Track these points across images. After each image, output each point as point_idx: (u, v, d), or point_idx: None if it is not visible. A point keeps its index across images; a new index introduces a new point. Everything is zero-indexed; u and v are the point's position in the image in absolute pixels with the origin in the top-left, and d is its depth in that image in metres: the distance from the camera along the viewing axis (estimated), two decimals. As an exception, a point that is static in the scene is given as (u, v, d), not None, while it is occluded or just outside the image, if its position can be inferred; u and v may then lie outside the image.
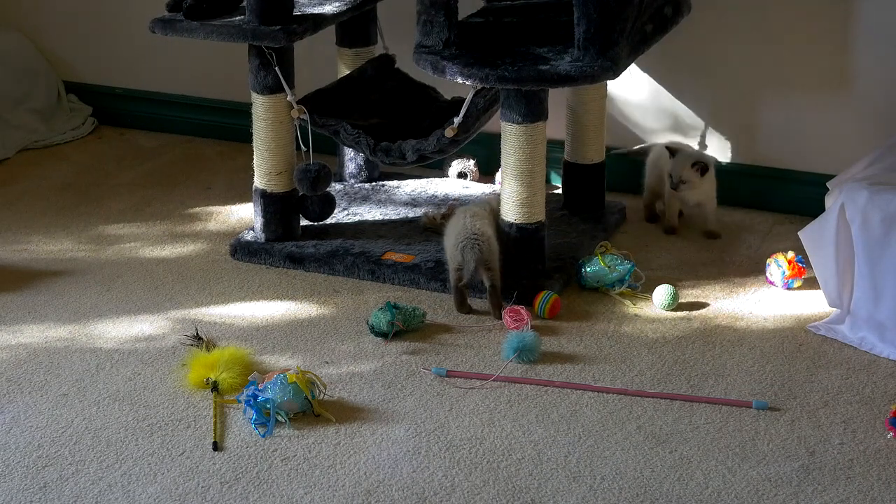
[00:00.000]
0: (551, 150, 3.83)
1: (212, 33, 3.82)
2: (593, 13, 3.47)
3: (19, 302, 3.78)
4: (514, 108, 3.60)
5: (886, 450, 3.08)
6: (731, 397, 3.28)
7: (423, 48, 3.64)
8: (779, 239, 4.10)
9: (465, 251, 3.61)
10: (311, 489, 2.95)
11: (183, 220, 4.32)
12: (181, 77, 4.98)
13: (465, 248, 3.61)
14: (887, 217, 3.44)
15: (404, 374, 3.40)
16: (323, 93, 4.00)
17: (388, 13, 4.29)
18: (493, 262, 3.62)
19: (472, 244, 3.60)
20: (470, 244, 3.60)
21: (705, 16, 4.17)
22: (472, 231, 3.62)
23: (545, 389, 3.33)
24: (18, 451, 3.08)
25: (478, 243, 3.60)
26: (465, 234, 3.62)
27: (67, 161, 4.80)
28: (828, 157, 4.16)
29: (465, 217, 3.67)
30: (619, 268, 3.75)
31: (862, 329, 3.52)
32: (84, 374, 3.41)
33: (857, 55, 4.11)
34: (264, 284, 3.87)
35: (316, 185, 3.90)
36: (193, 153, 4.87)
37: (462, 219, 3.68)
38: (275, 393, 3.17)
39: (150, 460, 3.05)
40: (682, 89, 4.34)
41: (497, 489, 2.94)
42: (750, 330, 3.60)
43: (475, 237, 3.61)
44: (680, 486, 2.95)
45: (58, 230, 4.25)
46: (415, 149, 3.77)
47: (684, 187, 4.02)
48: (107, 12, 5.03)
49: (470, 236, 3.61)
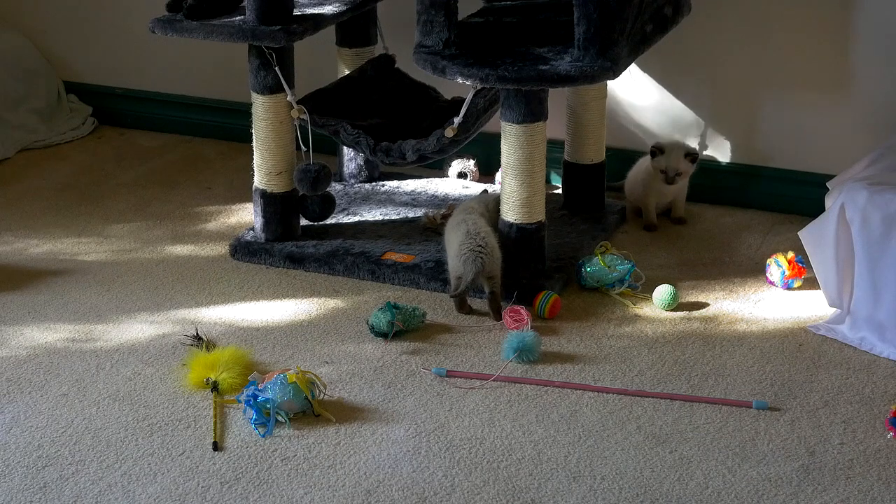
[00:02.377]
0: (551, 150, 3.83)
1: (212, 33, 3.82)
2: (593, 13, 3.47)
3: (19, 302, 3.78)
4: (513, 108, 3.60)
5: (886, 450, 3.08)
6: (731, 397, 3.28)
7: (423, 48, 3.64)
8: (779, 239, 4.10)
9: (466, 263, 3.58)
10: (311, 489, 2.95)
11: (183, 220, 4.32)
12: (181, 77, 4.98)
13: (468, 260, 3.58)
14: (887, 217, 3.44)
15: (404, 374, 3.40)
16: (323, 93, 4.00)
17: (388, 13, 4.29)
18: (496, 271, 3.61)
19: (476, 256, 3.57)
20: (473, 256, 3.57)
21: (705, 16, 4.17)
22: (477, 242, 3.58)
23: (545, 389, 3.33)
24: (18, 451, 3.08)
25: (481, 256, 3.57)
26: (469, 246, 3.58)
27: (67, 161, 4.80)
28: (828, 157, 4.16)
29: (467, 223, 3.65)
30: (619, 268, 3.75)
31: (862, 329, 3.52)
32: (84, 374, 3.41)
33: (857, 55, 4.11)
34: (264, 284, 3.87)
35: (316, 185, 3.90)
36: (193, 153, 4.87)
37: (464, 225, 3.64)
38: (275, 393, 3.17)
39: (150, 460, 3.05)
40: (682, 89, 4.34)
41: (497, 489, 2.94)
42: (750, 330, 3.60)
43: (479, 249, 3.57)
44: (680, 486, 2.95)
45: (58, 230, 4.25)
46: (415, 149, 3.77)
47: (679, 178, 4.10)
48: (107, 12, 5.03)
49: (474, 248, 3.58)
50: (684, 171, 4.10)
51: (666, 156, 4.09)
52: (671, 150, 4.10)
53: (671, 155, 4.09)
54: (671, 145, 4.14)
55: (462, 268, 3.59)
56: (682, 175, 4.11)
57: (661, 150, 4.10)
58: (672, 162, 4.08)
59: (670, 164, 4.08)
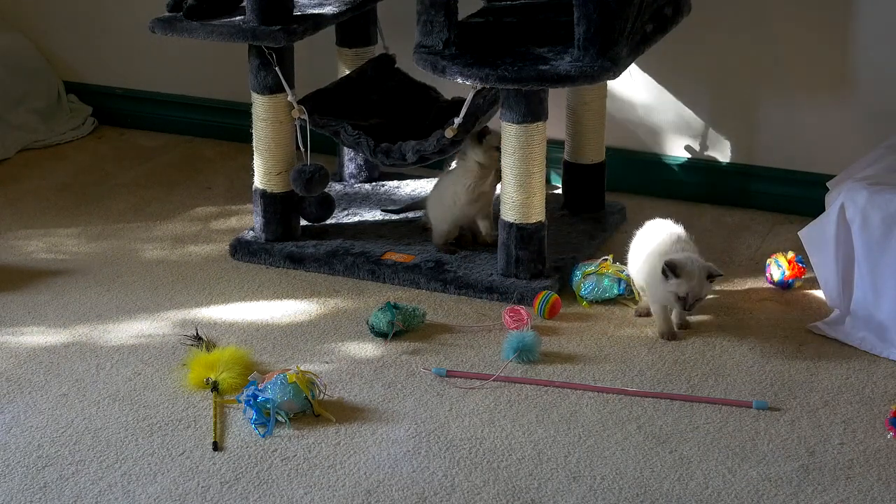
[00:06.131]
0: (551, 150, 3.83)
1: (212, 33, 3.82)
2: (593, 13, 3.47)
3: (19, 302, 3.78)
4: (513, 108, 3.60)
5: (886, 450, 3.08)
6: (731, 397, 3.29)
7: (423, 48, 3.64)
8: (779, 239, 4.10)
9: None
10: (311, 489, 2.95)
11: (183, 220, 4.32)
12: (181, 77, 4.98)
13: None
14: (887, 217, 3.44)
15: (404, 374, 3.40)
16: (323, 93, 4.00)
17: (388, 13, 4.29)
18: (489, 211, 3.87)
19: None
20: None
21: (705, 16, 4.17)
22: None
23: (545, 389, 3.33)
24: (18, 451, 3.08)
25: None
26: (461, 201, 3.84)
27: (67, 161, 4.80)
28: (828, 157, 4.16)
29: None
30: (614, 290, 3.71)
31: (862, 329, 3.52)
32: (84, 374, 3.41)
33: (857, 55, 4.11)
34: (264, 284, 3.87)
35: (310, 187, 3.88)
36: (193, 153, 4.87)
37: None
38: (275, 393, 3.17)
39: (150, 460, 3.05)
40: (682, 89, 4.34)
41: (497, 489, 2.94)
42: (750, 330, 3.60)
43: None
44: (680, 486, 2.95)
45: (58, 230, 4.25)
46: (415, 150, 3.77)
47: (699, 304, 3.48)
48: (107, 12, 5.03)
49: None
50: (705, 295, 3.48)
51: (685, 280, 3.41)
52: (689, 271, 3.42)
53: (691, 278, 3.41)
54: (690, 266, 3.44)
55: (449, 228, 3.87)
56: (702, 300, 3.48)
57: (675, 272, 3.42)
58: (696, 287, 3.43)
59: (692, 291, 3.43)
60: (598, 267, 3.72)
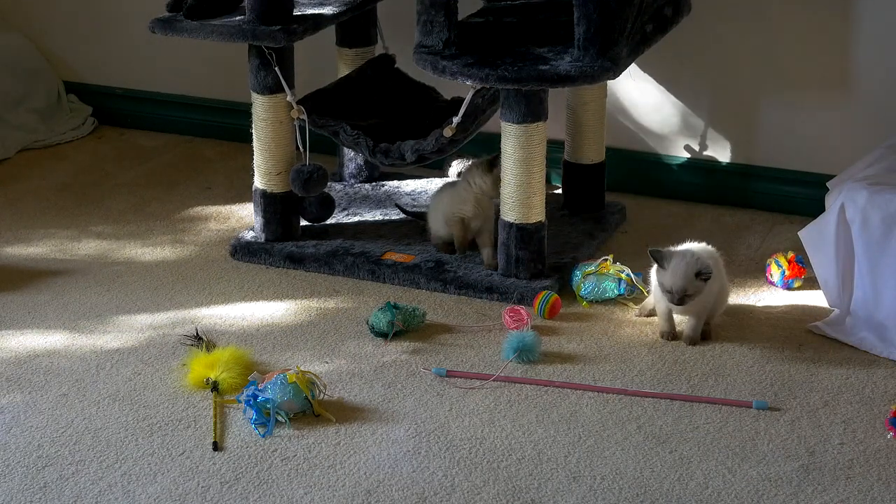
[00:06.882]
0: (551, 150, 3.83)
1: (212, 33, 3.82)
2: (593, 13, 3.48)
3: (19, 302, 3.78)
4: (513, 108, 3.60)
5: (886, 450, 3.08)
6: (731, 397, 3.28)
7: (423, 48, 3.64)
8: (779, 239, 4.10)
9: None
10: (311, 489, 2.95)
11: (183, 219, 4.32)
12: (181, 77, 4.98)
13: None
14: (887, 217, 3.44)
15: (404, 374, 3.40)
16: (323, 93, 4.00)
17: (388, 13, 4.29)
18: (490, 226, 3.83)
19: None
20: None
21: (705, 16, 4.17)
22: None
23: (545, 389, 3.33)
24: (18, 451, 3.08)
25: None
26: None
27: (67, 161, 4.80)
28: (828, 157, 4.16)
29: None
30: (615, 292, 3.71)
31: (862, 329, 3.52)
32: (84, 374, 3.41)
33: (857, 55, 4.11)
34: (264, 284, 3.87)
35: (308, 187, 3.88)
36: (193, 153, 4.87)
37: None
38: (275, 393, 3.17)
39: (150, 460, 3.05)
40: (682, 89, 4.34)
41: (497, 489, 2.94)
42: (750, 330, 3.60)
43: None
44: (680, 486, 2.95)
45: (58, 230, 4.25)
46: (414, 149, 3.77)
47: (689, 299, 3.42)
48: (107, 12, 5.03)
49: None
50: (694, 292, 3.41)
51: (672, 271, 3.39)
52: (677, 263, 3.39)
53: (677, 271, 3.38)
54: (678, 259, 3.40)
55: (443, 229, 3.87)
56: (692, 296, 3.42)
57: (661, 257, 3.41)
58: (679, 281, 3.38)
59: (676, 284, 3.40)
60: (598, 267, 3.72)
